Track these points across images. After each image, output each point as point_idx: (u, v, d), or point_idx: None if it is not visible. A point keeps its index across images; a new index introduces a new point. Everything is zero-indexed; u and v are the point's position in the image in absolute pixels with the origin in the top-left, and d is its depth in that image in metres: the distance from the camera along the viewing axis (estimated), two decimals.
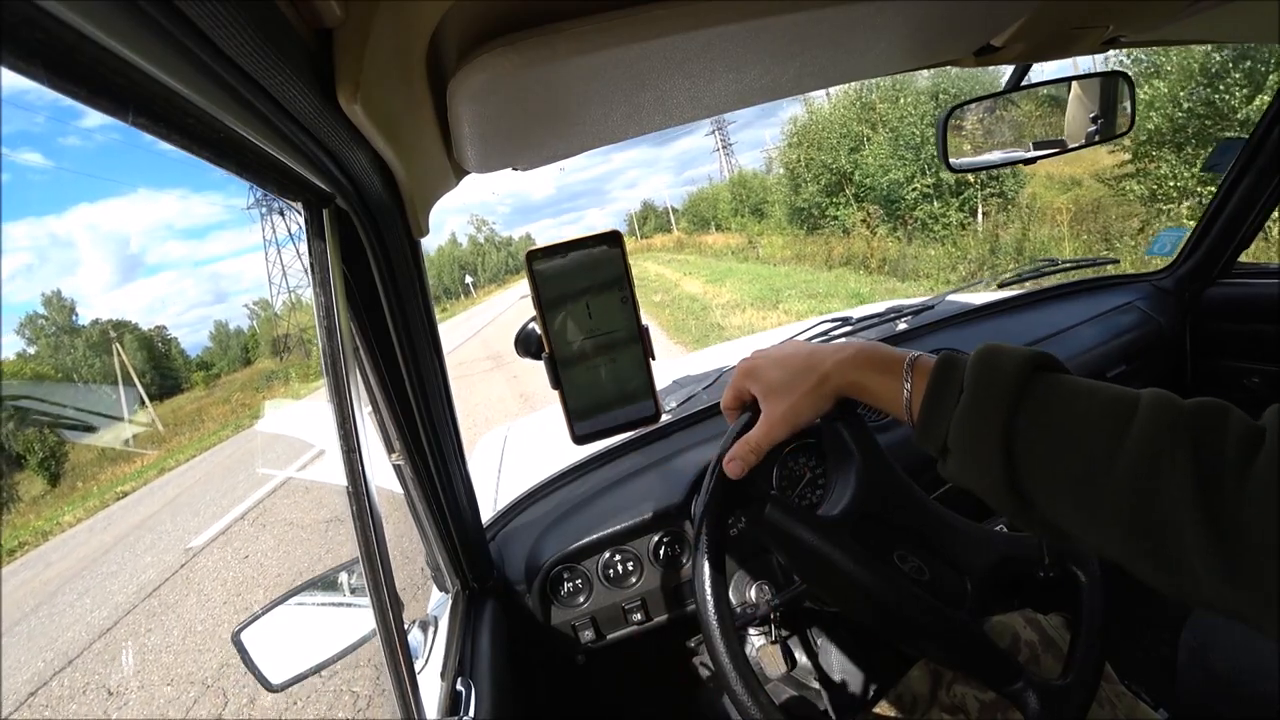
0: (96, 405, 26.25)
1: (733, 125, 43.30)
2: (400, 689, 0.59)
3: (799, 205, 15.92)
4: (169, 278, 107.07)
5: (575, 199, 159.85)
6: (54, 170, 79.93)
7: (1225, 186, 1.53)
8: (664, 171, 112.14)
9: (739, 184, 28.63)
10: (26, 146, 71.07)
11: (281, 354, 36.68)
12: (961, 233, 11.09)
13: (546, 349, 0.51)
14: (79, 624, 5.08)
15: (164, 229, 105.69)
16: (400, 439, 0.76)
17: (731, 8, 0.48)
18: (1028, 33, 0.74)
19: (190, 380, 38.84)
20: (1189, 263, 1.69)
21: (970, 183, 10.77)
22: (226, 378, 39.24)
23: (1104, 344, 1.56)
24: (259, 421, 19.86)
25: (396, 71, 0.44)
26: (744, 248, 21.32)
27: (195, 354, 47.59)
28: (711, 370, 1.53)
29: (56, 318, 34.27)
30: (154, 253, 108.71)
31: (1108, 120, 1.17)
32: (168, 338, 44.70)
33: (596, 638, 1.11)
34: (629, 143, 1.50)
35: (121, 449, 20.79)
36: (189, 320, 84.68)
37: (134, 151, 71.98)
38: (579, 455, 1.31)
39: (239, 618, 0.85)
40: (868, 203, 13.28)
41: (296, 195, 0.47)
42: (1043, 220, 9.51)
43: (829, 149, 14.33)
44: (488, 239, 77.80)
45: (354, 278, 0.61)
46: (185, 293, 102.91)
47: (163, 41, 0.26)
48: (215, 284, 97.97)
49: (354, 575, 0.91)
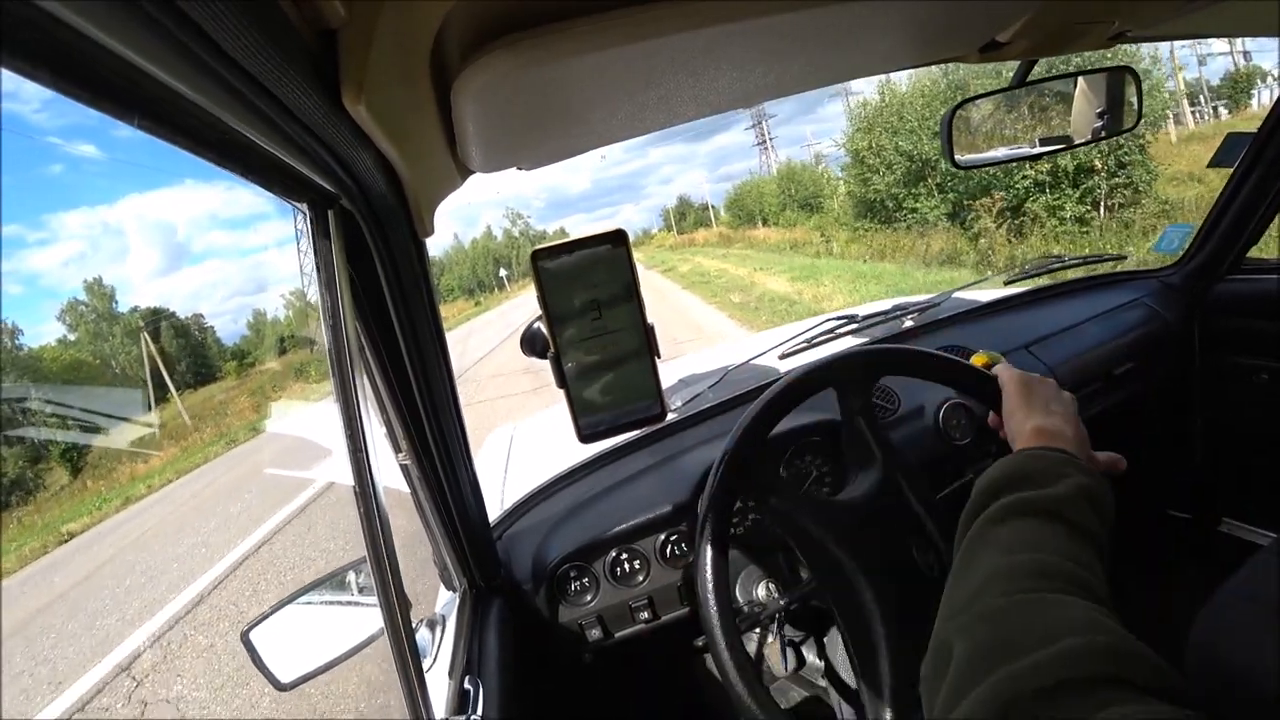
0: (118, 404, 26.02)
1: (772, 119, 42.94)
2: (408, 687, 0.59)
3: (868, 197, 14.30)
4: (213, 265, 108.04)
5: (610, 194, 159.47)
6: (107, 161, 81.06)
7: (1233, 181, 1.51)
8: (699, 168, 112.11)
9: (787, 177, 27.68)
10: (81, 139, 72.21)
11: (311, 346, 36.72)
12: (1081, 229, 9.61)
13: (552, 348, 0.51)
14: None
15: (209, 219, 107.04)
16: (407, 439, 0.76)
17: (735, 6, 0.48)
18: (1032, 29, 0.74)
19: (223, 370, 38.92)
20: (1197, 259, 1.68)
21: (1098, 170, 9.41)
22: (258, 368, 39.14)
23: (1110, 341, 1.55)
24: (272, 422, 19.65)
25: (400, 72, 0.44)
26: (805, 243, 19.38)
27: (233, 342, 47.52)
28: (717, 369, 1.53)
29: (97, 304, 34.28)
30: (199, 241, 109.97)
31: (1114, 115, 1.16)
32: (204, 325, 44.81)
33: (604, 636, 1.11)
34: (665, 139, 1.46)
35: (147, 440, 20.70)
36: (231, 308, 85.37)
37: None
38: (585, 454, 1.32)
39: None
40: (951, 193, 11.87)
41: (301, 196, 0.48)
42: (1176, 216, 8.55)
43: (906, 134, 12.70)
44: (522, 233, 77.66)
45: (359, 278, 0.61)
46: (229, 280, 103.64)
47: (166, 44, 0.26)
48: (257, 273, 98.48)
49: (362, 574, 0.91)
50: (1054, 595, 0.42)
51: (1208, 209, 1.58)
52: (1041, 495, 0.52)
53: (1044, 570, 0.45)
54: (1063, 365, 1.44)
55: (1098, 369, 1.50)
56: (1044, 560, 0.46)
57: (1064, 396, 0.74)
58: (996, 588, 0.44)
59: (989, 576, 0.46)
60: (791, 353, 1.45)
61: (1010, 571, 0.45)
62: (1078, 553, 0.48)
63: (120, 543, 8.57)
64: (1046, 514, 0.51)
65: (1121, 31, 0.85)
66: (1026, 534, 0.50)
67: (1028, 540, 0.49)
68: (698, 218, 55.21)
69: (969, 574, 0.48)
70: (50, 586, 7.31)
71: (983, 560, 0.49)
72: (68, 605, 6.05)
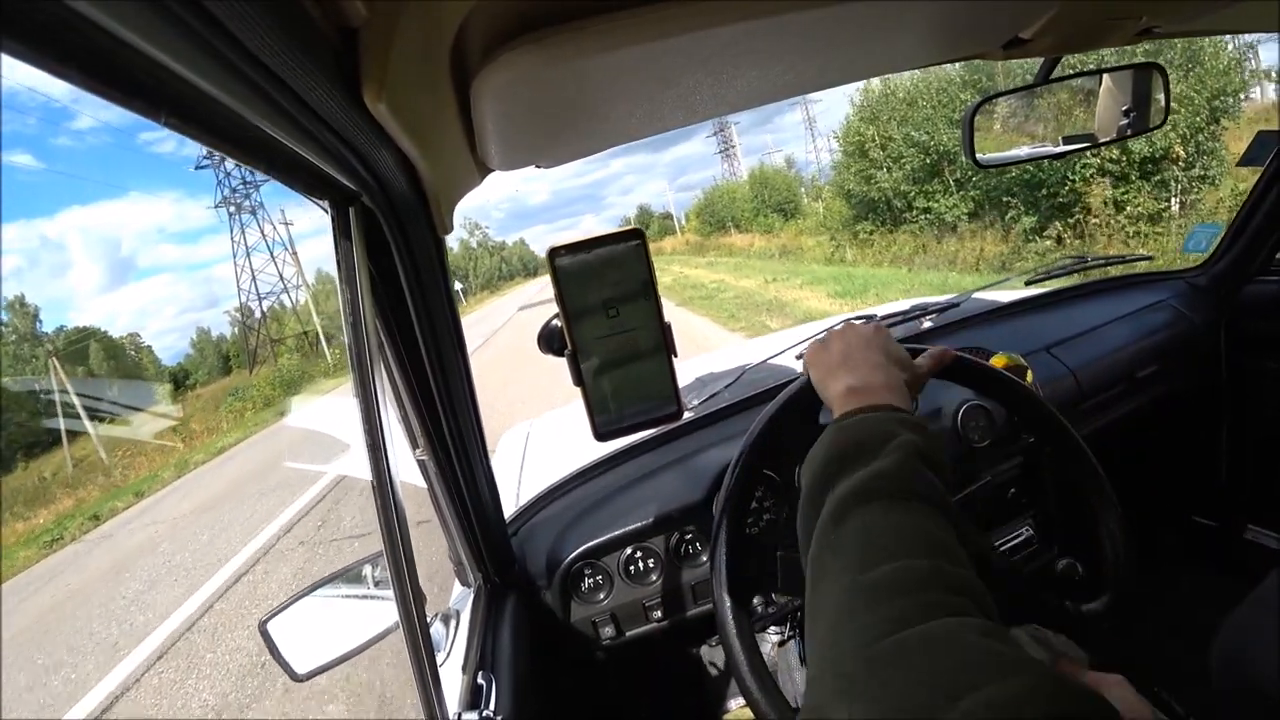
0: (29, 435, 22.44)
1: (733, 127, 42.93)
2: (422, 681, 0.60)
3: (871, 195, 12.61)
4: (163, 281, 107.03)
5: (571, 204, 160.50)
6: (46, 172, 79.15)
7: (1264, 181, 1.48)
8: (659, 177, 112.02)
9: (760, 182, 27.47)
10: (19, 148, 70.01)
11: (252, 367, 34.66)
12: (1154, 229, 8.28)
13: (569, 346, 0.51)
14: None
15: (156, 232, 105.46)
16: (424, 434, 0.77)
17: (754, 5, 0.47)
18: (1057, 25, 0.73)
19: (157, 394, 34.73)
20: (1225, 259, 1.64)
21: (1182, 157, 8.05)
22: (196, 392, 35.92)
23: (1134, 343, 1.53)
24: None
25: (421, 70, 0.44)
26: (795, 248, 18.16)
27: (176, 362, 44.73)
28: (734, 368, 1.53)
29: (19, 324, 31.91)
30: (146, 256, 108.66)
31: (1140, 113, 1.14)
32: (141, 345, 42.61)
33: (617, 634, 1.12)
34: (624, 149, 1.48)
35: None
36: (181, 325, 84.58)
37: (125, 154, 71.75)
38: (601, 452, 1.32)
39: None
40: (974, 189, 10.41)
41: (323, 194, 0.48)
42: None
43: (918, 123, 11.20)
44: (481, 243, 77.30)
45: (379, 275, 0.62)
46: (179, 296, 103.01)
47: (192, 43, 0.26)
48: (209, 288, 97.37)
49: (378, 568, 0.92)
50: (934, 627, 0.37)
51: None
52: (874, 473, 0.49)
53: (907, 585, 0.40)
54: (1085, 368, 1.42)
55: (1121, 372, 1.48)
56: (904, 571, 0.41)
57: (863, 334, 0.68)
58: (862, 633, 0.38)
59: (849, 610, 0.41)
60: None
61: (872, 599, 0.40)
62: (932, 537, 0.45)
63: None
64: (887, 497, 0.47)
65: (1149, 27, 0.83)
66: (874, 534, 0.45)
67: (877, 543, 0.44)
68: (661, 226, 55.28)
69: (825, 601, 0.44)
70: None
71: (836, 583, 0.44)
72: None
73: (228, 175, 32.76)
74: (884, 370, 0.63)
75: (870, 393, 0.60)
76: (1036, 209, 9.39)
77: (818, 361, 0.68)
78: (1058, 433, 0.84)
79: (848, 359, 0.65)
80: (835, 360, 0.66)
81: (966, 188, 10.80)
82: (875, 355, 0.65)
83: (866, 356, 0.64)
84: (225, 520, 7.29)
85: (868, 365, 0.63)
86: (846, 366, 0.64)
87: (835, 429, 0.56)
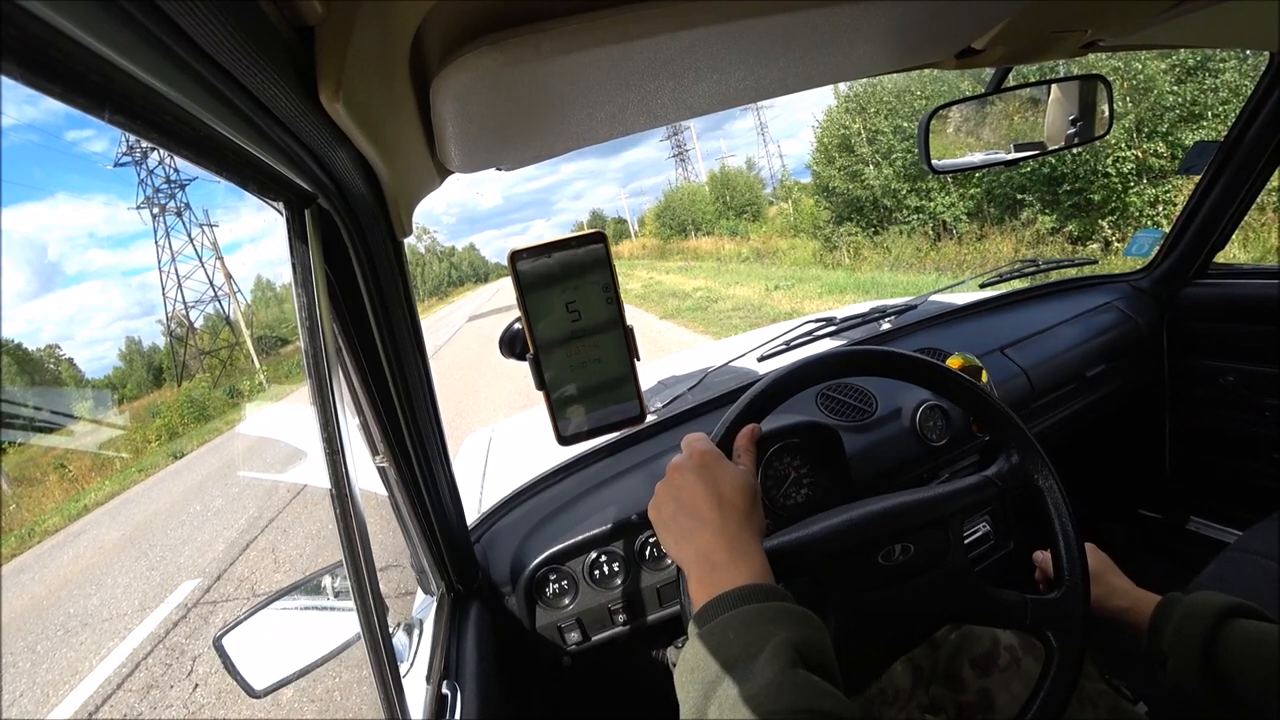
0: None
1: (686, 131, 43.39)
2: (385, 693, 0.59)
3: (856, 194, 11.50)
4: (94, 288, 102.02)
5: (522, 209, 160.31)
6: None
7: (1200, 188, 1.55)
8: (611, 183, 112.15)
9: (722, 184, 26.87)
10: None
11: (180, 381, 31.33)
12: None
13: (531, 350, 0.50)
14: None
15: (86, 236, 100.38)
16: (384, 441, 0.75)
17: (716, 8, 0.48)
18: (1008, 36, 0.75)
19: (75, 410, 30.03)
20: (1165, 264, 1.72)
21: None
22: (124, 406, 32.75)
23: (1084, 343, 1.58)
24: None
25: (379, 70, 0.44)
26: (771, 251, 16.57)
27: (103, 375, 41.56)
28: (696, 370, 1.54)
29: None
30: (74, 261, 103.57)
31: (1086, 122, 1.18)
32: (60, 357, 39.65)
33: (582, 639, 1.11)
34: (575, 154, 1.48)
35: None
36: (113, 334, 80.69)
37: (51, 154, 67.96)
38: (564, 456, 1.31)
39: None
40: (975, 188, 9.27)
41: (278, 195, 0.47)
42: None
43: (909, 116, 10.10)
44: (429, 248, 76.03)
45: (336, 278, 0.60)
46: (111, 304, 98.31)
47: (141, 39, 0.25)
48: (144, 295, 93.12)
49: (338, 578, 0.90)
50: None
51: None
52: (749, 697, 0.43)
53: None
54: (1037, 367, 1.47)
55: (1071, 371, 1.53)
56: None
57: (687, 480, 0.59)
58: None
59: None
60: (770, 354, 1.46)
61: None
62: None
63: None
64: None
65: (1094, 41, 0.87)
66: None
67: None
68: (616, 230, 55.37)
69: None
70: None
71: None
72: None
73: (150, 174, 30.04)
74: (718, 521, 0.57)
75: (716, 568, 0.54)
76: (1057, 207, 8.28)
77: (659, 525, 0.61)
78: (1011, 430, 0.86)
79: (679, 520, 0.59)
80: (670, 523, 0.60)
81: (966, 185, 9.65)
82: (705, 505, 0.58)
83: (696, 512, 0.58)
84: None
85: (700, 524, 0.57)
86: (683, 531, 0.58)
87: (698, 639, 0.49)
